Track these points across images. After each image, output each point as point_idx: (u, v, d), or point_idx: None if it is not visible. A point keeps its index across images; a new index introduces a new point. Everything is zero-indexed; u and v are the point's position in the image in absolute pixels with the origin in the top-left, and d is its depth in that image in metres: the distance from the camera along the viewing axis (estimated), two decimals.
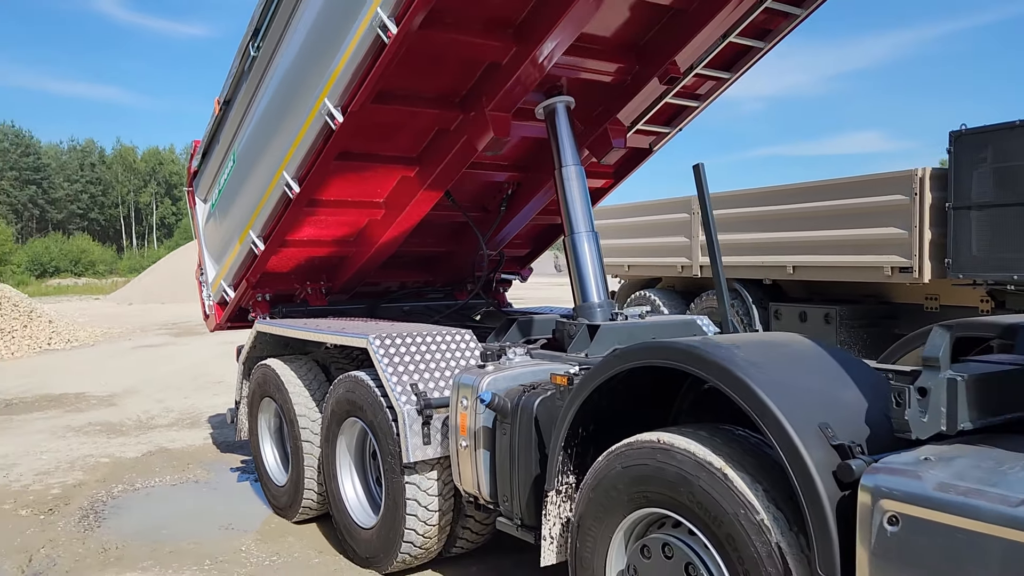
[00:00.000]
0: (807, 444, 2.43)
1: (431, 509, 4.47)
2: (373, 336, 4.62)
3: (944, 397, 2.36)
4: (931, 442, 2.41)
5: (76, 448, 8.19)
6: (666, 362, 2.87)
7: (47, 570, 4.96)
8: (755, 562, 2.56)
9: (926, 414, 2.35)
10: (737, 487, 2.62)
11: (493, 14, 4.56)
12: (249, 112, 5.99)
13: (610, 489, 3.07)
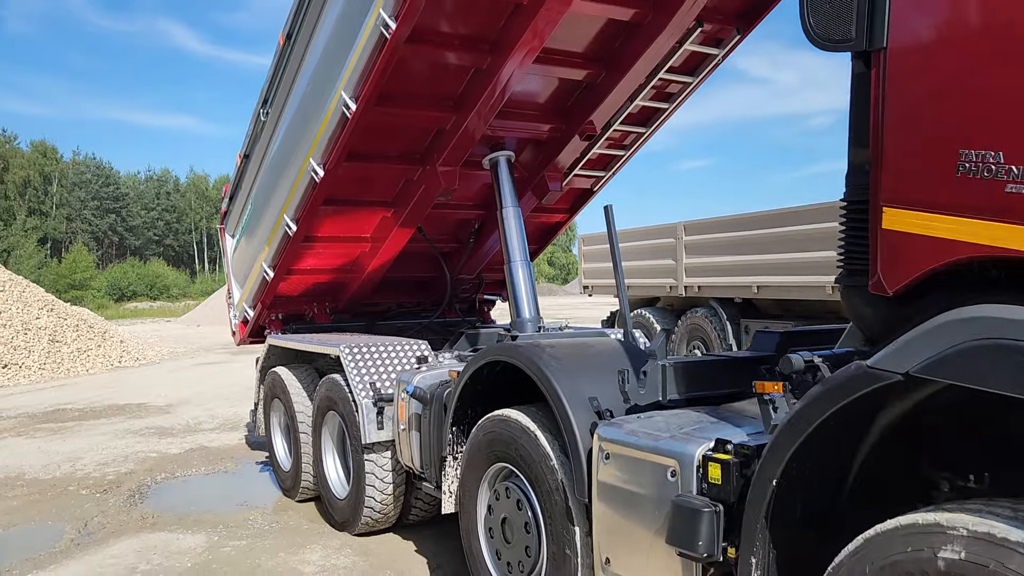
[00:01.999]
0: (575, 411, 3.57)
1: (386, 482, 5.68)
2: (344, 346, 5.90)
3: (659, 378, 3.49)
4: (654, 408, 3.53)
5: (131, 446, 9.67)
6: (499, 358, 4.06)
7: (98, 531, 6.33)
8: (549, 494, 3.71)
9: (645, 389, 3.49)
10: (542, 443, 3.78)
11: (436, 92, 5.80)
12: (262, 165, 7.36)
13: (476, 451, 4.26)
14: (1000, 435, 2.60)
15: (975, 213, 2.08)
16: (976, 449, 2.68)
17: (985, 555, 2.03)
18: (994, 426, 2.58)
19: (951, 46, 2.15)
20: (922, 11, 2.22)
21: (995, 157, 2.02)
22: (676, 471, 2.98)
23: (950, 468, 2.76)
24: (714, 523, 2.78)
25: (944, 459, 2.78)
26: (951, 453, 2.75)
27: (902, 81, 2.25)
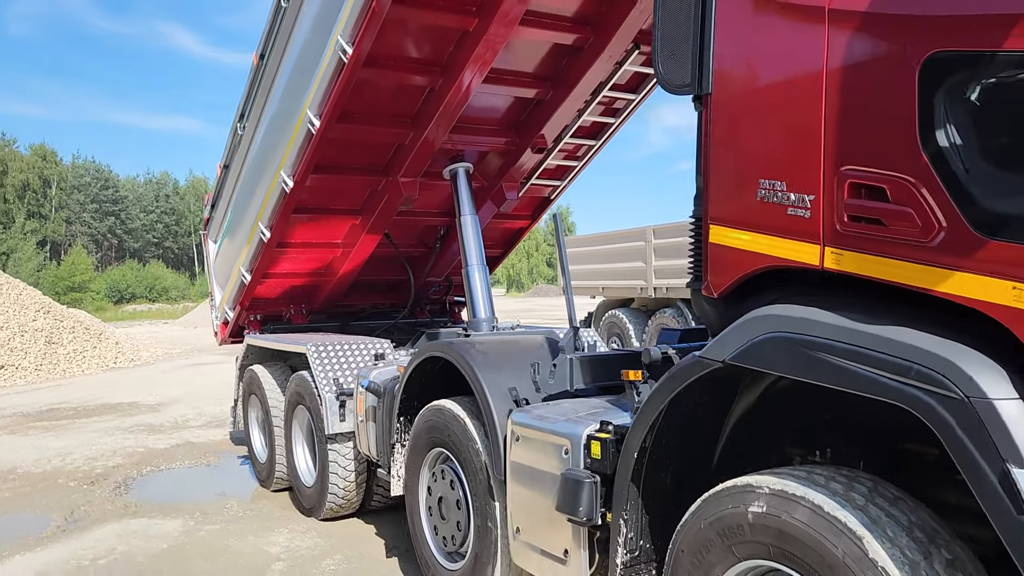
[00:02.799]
0: (495, 400, 4.05)
1: (348, 470, 6.16)
2: (310, 345, 6.38)
3: (567, 370, 3.97)
4: (564, 396, 4.01)
5: (120, 442, 10.14)
6: (435, 354, 4.54)
7: (82, 518, 6.80)
8: (475, 473, 4.19)
9: (554, 380, 3.97)
10: (469, 429, 4.26)
11: (393, 110, 6.27)
12: (240, 175, 7.83)
13: (418, 438, 4.74)
14: (833, 417, 3.08)
15: (769, 231, 2.56)
16: (817, 428, 3.16)
17: (779, 508, 2.50)
18: (829, 409, 3.06)
19: (751, 96, 2.63)
20: (732, 67, 2.69)
21: (781, 186, 2.50)
22: (568, 449, 3.45)
23: (801, 445, 3.24)
24: (593, 492, 3.25)
25: (795, 437, 3.25)
26: (799, 432, 3.22)
27: (719, 122, 2.73)
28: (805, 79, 2.43)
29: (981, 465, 1.98)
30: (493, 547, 4.11)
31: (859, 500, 2.40)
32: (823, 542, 2.36)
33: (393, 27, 5.46)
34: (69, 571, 5.45)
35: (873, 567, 2.24)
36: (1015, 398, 1.97)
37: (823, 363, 2.36)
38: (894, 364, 2.17)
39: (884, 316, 2.28)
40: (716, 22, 2.73)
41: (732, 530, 2.66)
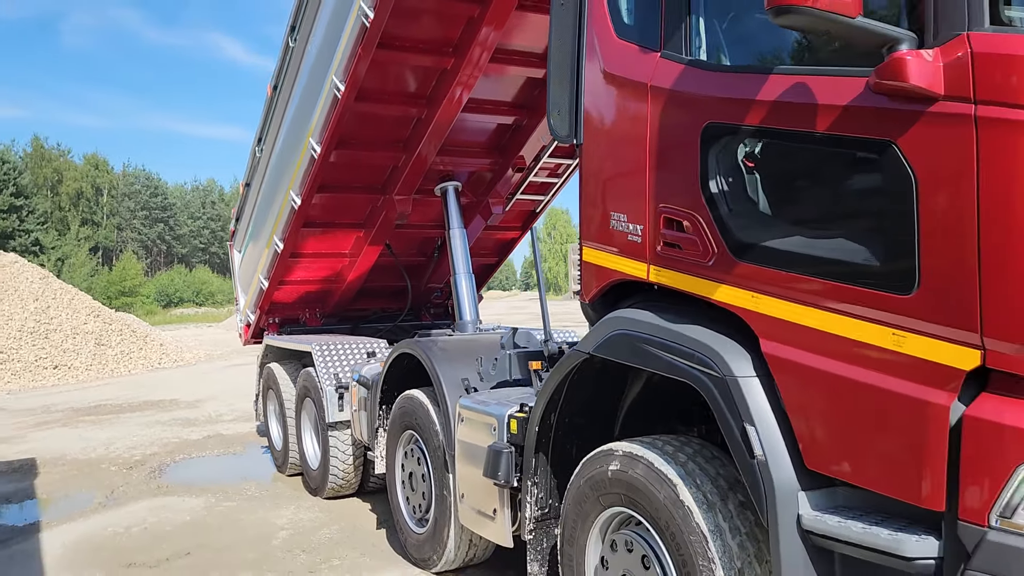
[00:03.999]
0: (449, 388, 4.84)
1: (346, 454, 7.00)
2: (315, 344, 7.24)
3: (506, 363, 4.74)
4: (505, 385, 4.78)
5: (158, 434, 11.15)
6: (406, 350, 5.35)
7: (121, 496, 7.74)
8: (435, 451, 4.98)
9: (496, 371, 4.75)
10: (431, 413, 5.06)
11: (386, 137, 7.10)
12: (259, 193, 8.74)
13: (395, 421, 5.56)
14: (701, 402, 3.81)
15: (618, 252, 3.32)
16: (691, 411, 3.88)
17: (627, 465, 3.26)
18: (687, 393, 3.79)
19: (605, 147, 3.40)
20: (593, 123, 3.45)
21: (624, 218, 3.26)
22: (495, 427, 4.23)
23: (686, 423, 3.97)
24: (510, 460, 4.03)
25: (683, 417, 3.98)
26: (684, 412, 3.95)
27: (587, 165, 3.50)
28: (636, 136, 3.18)
29: (731, 423, 2.72)
30: (448, 512, 4.90)
31: (682, 458, 3.14)
32: (652, 489, 3.11)
33: (380, 67, 6.27)
34: (107, 536, 6.37)
35: (682, 506, 2.99)
36: (752, 376, 2.70)
37: (646, 352, 3.12)
38: (684, 352, 2.92)
39: (686, 317, 3.02)
40: (584, 88, 3.49)
41: (599, 484, 3.42)
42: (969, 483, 2.12)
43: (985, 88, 2.07)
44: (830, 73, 2.43)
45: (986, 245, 2.08)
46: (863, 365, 2.38)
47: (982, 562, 2.09)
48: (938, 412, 2.18)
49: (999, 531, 2.07)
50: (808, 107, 2.48)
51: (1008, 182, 2.05)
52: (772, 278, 2.66)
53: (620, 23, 3.31)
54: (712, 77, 2.88)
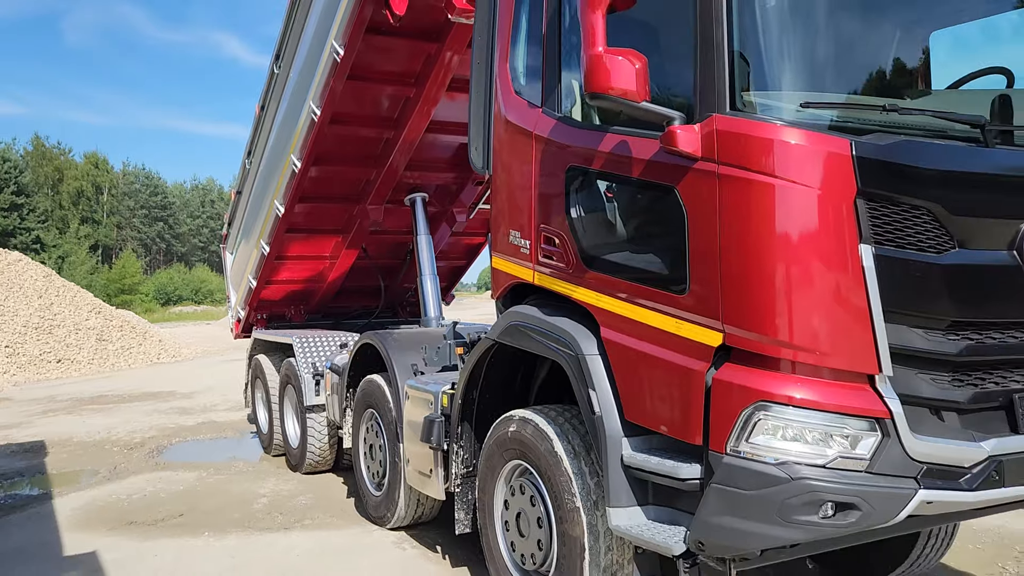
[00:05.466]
0: (400, 372, 5.78)
1: (322, 434, 7.93)
2: (295, 336, 8.18)
3: (447, 352, 5.68)
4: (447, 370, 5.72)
5: (156, 420, 12.09)
6: (367, 341, 6.29)
7: (123, 472, 8.68)
8: (390, 424, 5.93)
9: (438, 357, 5.69)
10: (387, 393, 6.00)
11: (358, 154, 8.04)
12: (248, 201, 9.68)
13: (359, 401, 6.50)
14: None
15: (514, 260, 4.26)
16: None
17: (521, 426, 4.20)
18: None
19: (505, 177, 4.34)
20: (498, 158, 4.39)
21: (518, 233, 4.21)
22: (432, 401, 5.17)
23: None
24: (441, 427, 4.96)
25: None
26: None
27: (494, 191, 4.44)
28: (526, 171, 4.12)
29: (581, 391, 3.67)
30: (399, 476, 5.85)
31: (560, 421, 4.08)
32: (537, 444, 4.06)
33: (351, 95, 7.20)
34: (111, 502, 7.32)
35: (556, 455, 3.93)
36: (596, 354, 3.64)
37: (530, 338, 4.07)
38: (554, 337, 3.87)
39: (558, 311, 3.96)
40: (492, 127, 4.44)
41: (502, 442, 4.37)
42: (714, 425, 3.06)
43: (723, 153, 3.02)
44: (640, 135, 3.37)
45: (724, 262, 3.03)
46: (658, 344, 3.32)
47: (720, 477, 3.03)
48: (698, 376, 3.12)
49: (731, 455, 3.01)
50: (628, 158, 3.43)
51: (737, 220, 2.99)
52: (607, 282, 3.61)
53: (516, 83, 4.26)
54: (573, 131, 3.83)
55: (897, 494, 2.89)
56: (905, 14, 3.68)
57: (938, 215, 3.01)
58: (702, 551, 3.16)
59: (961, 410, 3.06)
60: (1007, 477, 3.00)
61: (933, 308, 3.03)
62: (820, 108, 3.08)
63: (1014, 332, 3.20)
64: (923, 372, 3.02)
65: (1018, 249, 3.14)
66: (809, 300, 2.92)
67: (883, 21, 3.59)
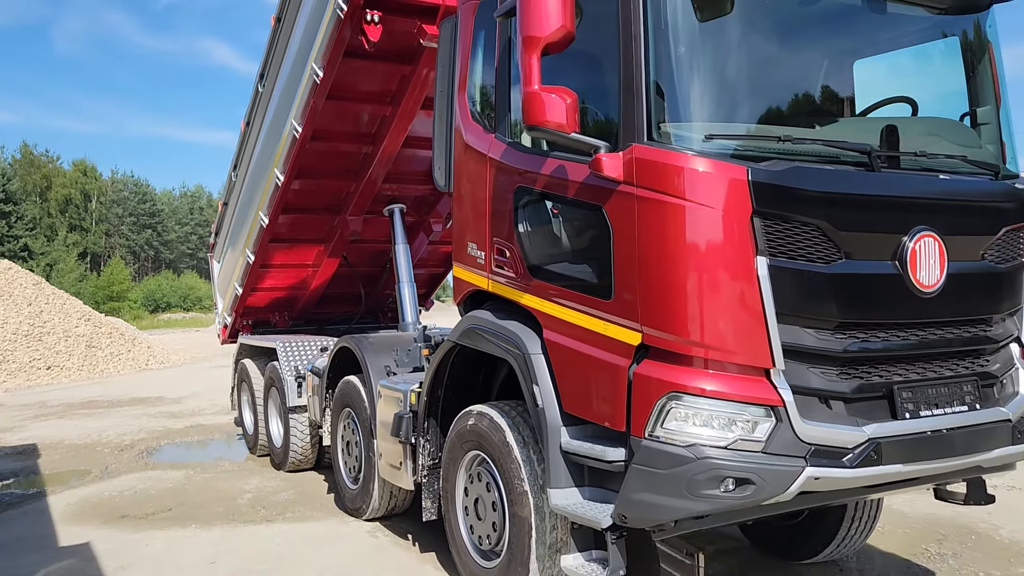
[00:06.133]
0: (374, 373, 6.22)
1: (304, 433, 8.36)
2: (278, 341, 8.62)
3: (416, 354, 6.13)
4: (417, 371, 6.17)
5: (145, 424, 12.48)
6: (344, 344, 6.74)
7: (114, 471, 9.08)
8: (365, 422, 6.37)
9: (408, 359, 6.14)
10: (362, 393, 6.44)
11: (338, 167, 8.48)
12: (235, 212, 10.11)
13: (337, 401, 6.94)
14: None
15: (473, 269, 4.72)
16: None
17: (478, 420, 4.66)
18: None
19: (464, 194, 4.80)
20: (458, 177, 4.86)
21: (475, 246, 4.67)
22: (401, 399, 5.62)
23: None
24: (409, 423, 5.41)
25: None
26: None
27: (455, 207, 4.91)
28: (481, 190, 4.59)
29: (526, 386, 4.12)
30: (373, 470, 6.29)
31: (513, 414, 4.54)
32: (491, 435, 4.51)
33: (330, 113, 7.65)
34: (103, 499, 7.72)
35: (508, 445, 4.38)
36: (539, 353, 4.10)
37: (483, 339, 4.53)
38: (504, 337, 4.33)
39: (510, 315, 4.42)
40: (452, 149, 4.90)
41: (462, 435, 4.82)
42: (635, 413, 3.52)
43: (641, 178, 3.49)
44: (574, 160, 3.84)
45: (641, 271, 3.50)
46: (590, 343, 3.78)
47: (639, 459, 3.49)
48: (621, 371, 3.59)
49: (648, 440, 3.47)
50: (565, 180, 3.90)
51: (651, 235, 3.46)
52: (549, 289, 4.07)
53: (473, 110, 4.73)
54: (520, 155, 4.29)
55: (787, 471, 3.35)
56: (805, 53, 4.18)
57: (826, 230, 3.49)
58: (625, 523, 3.62)
59: (847, 399, 3.54)
60: (884, 456, 3.47)
61: (822, 311, 3.51)
62: (724, 139, 3.55)
63: (896, 332, 3.68)
64: (813, 366, 3.50)
65: (899, 260, 3.63)
66: (712, 305, 3.39)
67: (785, 59, 4.08)
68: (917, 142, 4.12)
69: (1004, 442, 3.82)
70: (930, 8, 4.30)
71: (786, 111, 3.98)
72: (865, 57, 4.39)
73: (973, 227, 3.92)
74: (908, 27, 4.38)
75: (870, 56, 4.39)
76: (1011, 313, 4.10)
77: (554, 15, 3.53)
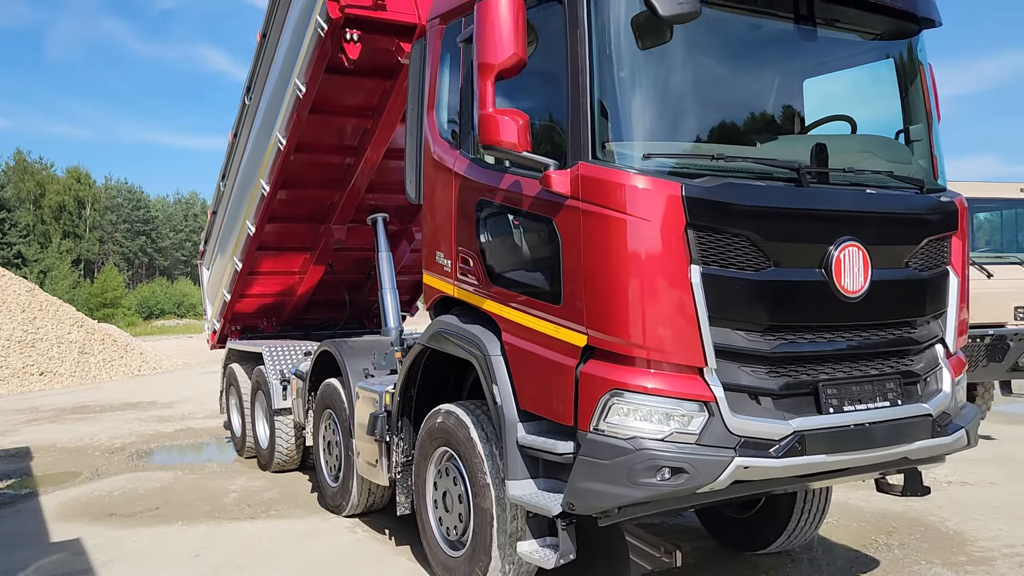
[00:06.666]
0: (353, 375, 6.52)
1: (289, 435, 8.65)
2: (265, 346, 8.91)
3: (392, 357, 6.43)
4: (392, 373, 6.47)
5: (136, 427, 12.75)
6: (325, 348, 7.04)
7: (104, 473, 9.35)
8: (345, 422, 6.66)
9: (385, 362, 6.44)
10: (342, 395, 6.74)
11: (323, 178, 8.79)
12: (224, 220, 10.40)
13: (319, 403, 7.24)
14: None
15: (441, 276, 5.03)
16: None
17: (446, 418, 4.97)
18: None
19: (430, 205, 5.11)
20: (427, 190, 5.17)
21: (442, 254, 4.98)
22: (377, 400, 5.92)
23: None
24: (383, 422, 5.71)
25: None
26: None
27: (424, 217, 5.22)
28: (447, 202, 4.90)
29: (488, 385, 4.43)
30: (352, 468, 6.58)
31: (477, 412, 4.83)
32: (457, 432, 4.82)
33: (313, 126, 7.96)
34: (93, 498, 8.00)
35: (472, 441, 4.68)
36: (499, 355, 4.41)
37: (449, 342, 4.84)
38: (467, 340, 4.63)
39: (473, 320, 4.73)
40: (422, 164, 5.21)
41: (432, 432, 5.12)
42: (581, 409, 3.83)
43: (585, 193, 3.81)
44: (528, 176, 4.16)
45: (586, 279, 3.81)
46: (543, 346, 4.09)
47: (585, 451, 3.80)
48: (569, 371, 3.90)
49: (593, 433, 3.78)
50: (520, 195, 4.21)
51: (595, 246, 3.78)
52: (506, 295, 4.38)
53: (440, 127, 5.04)
54: (481, 170, 4.60)
55: (718, 460, 3.66)
56: (743, 76, 4.50)
57: (755, 241, 3.81)
58: (573, 510, 3.93)
59: (775, 395, 3.85)
60: (808, 448, 3.78)
61: (752, 315, 3.83)
62: (662, 157, 3.87)
63: (822, 334, 4.00)
64: (743, 365, 3.82)
65: (825, 267, 3.95)
66: (650, 309, 3.70)
67: (724, 82, 4.40)
68: (851, 158, 4.47)
69: (924, 435, 4.13)
70: (862, 33, 4.63)
71: (725, 131, 4.30)
72: (802, 79, 4.72)
73: (896, 237, 4.25)
74: (844, 51, 4.71)
75: (807, 78, 4.71)
76: (935, 316, 4.42)
77: (507, 44, 3.85)
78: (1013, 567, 5.39)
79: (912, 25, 4.67)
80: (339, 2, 6.60)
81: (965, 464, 7.89)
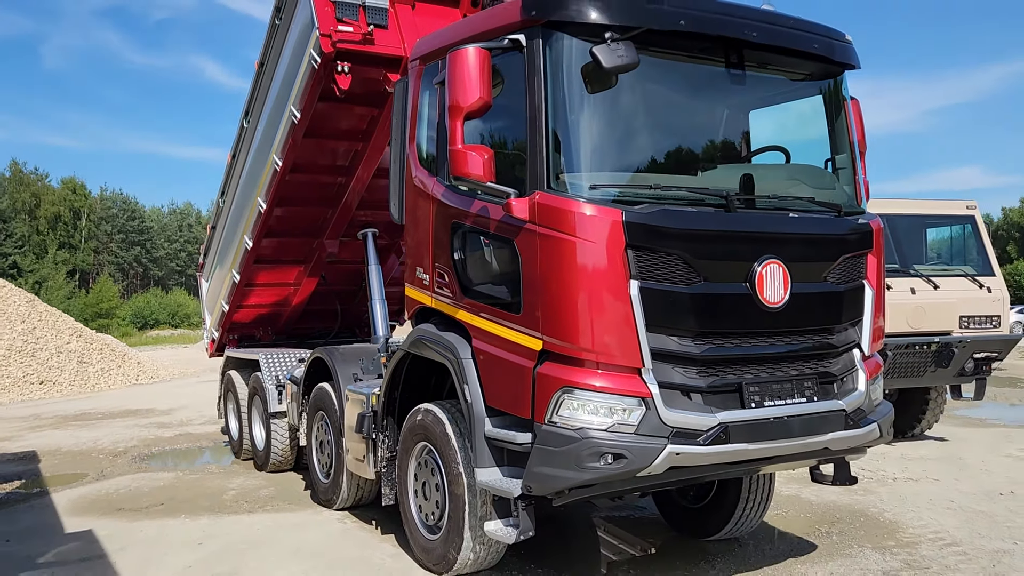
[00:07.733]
0: (343, 380, 7.12)
1: (284, 437, 9.23)
2: (261, 353, 9.50)
3: (379, 363, 7.02)
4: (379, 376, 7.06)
5: (136, 433, 13.30)
6: (317, 355, 7.63)
7: (108, 474, 9.91)
8: (335, 422, 7.25)
9: (373, 367, 7.03)
10: (333, 398, 7.33)
11: (316, 196, 9.40)
12: (222, 235, 11.00)
13: (312, 406, 7.83)
14: None
15: (420, 289, 5.64)
16: None
17: (425, 415, 5.58)
18: None
19: (411, 226, 5.72)
20: (409, 211, 5.78)
21: (421, 269, 5.59)
22: (364, 401, 6.51)
23: None
24: (370, 421, 6.30)
25: None
26: None
27: (406, 236, 5.83)
28: (426, 223, 5.51)
29: (460, 385, 5.03)
30: (342, 465, 7.17)
31: (453, 410, 5.43)
32: (435, 428, 5.42)
33: (308, 148, 8.58)
34: (100, 495, 8.57)
35: (447, 435, 5.28)
36: (469, 359, 5.01)
37: (427, 347, 5.44)
38: (442, 345, 5.24)
39: (449, 328, 5.33)
40: (405, 188, 5.83)
41: (413, 428, 5.72)
42: (538, 405, 4.44)
43: (541, 218, 4.42)
44: (495, 202, 4.77)
45: (542, 291, 4.43)
46: (506, 350, 4.70)
47: (540, 440, 4.41)
48: (527, 371, 4.51)
49: (547, 425, 4.39)
50: (487, 218, 4.83)
51: (549, 263, 4.39)
52: (476, 306, 5.00)
53: (420, 156, 5.66)
54: (455, 196, 5.22)
55: (652, 447, 4.27)
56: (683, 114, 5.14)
57: (687, 259, 4.43)
58: (531, 492, 4.53)
59: (704, 392, 4.47)
60: (732, 437, 4.39)
61: (684, 323, 4.45)
62: (607, 187, 4.49)
63: (747, 340, 4.62)
64: (676, 366, 4.43)
65: (749, 281, 4.57)
66: (596, 318, 4.32)
67: (666, 120, 5.04)
68: (779, 186, 5.12)
69: (838, 428, 4.75)
70: (788, 74, 5.27)
71: (665, 163, 4.94)
72: (738, 114, 5.36)
73: (814, 255, 4.88)
74: (773, 89, 5.36)
75: (742, 113, 5.35)
76: (852, 324, 5.04)
77: (474, 89, 4.47)
78: (934, 549, 6.00)
79: (834, 67, 5.31)
80: (331, 37, 7.23)
81: (917, 463, 8.49)
